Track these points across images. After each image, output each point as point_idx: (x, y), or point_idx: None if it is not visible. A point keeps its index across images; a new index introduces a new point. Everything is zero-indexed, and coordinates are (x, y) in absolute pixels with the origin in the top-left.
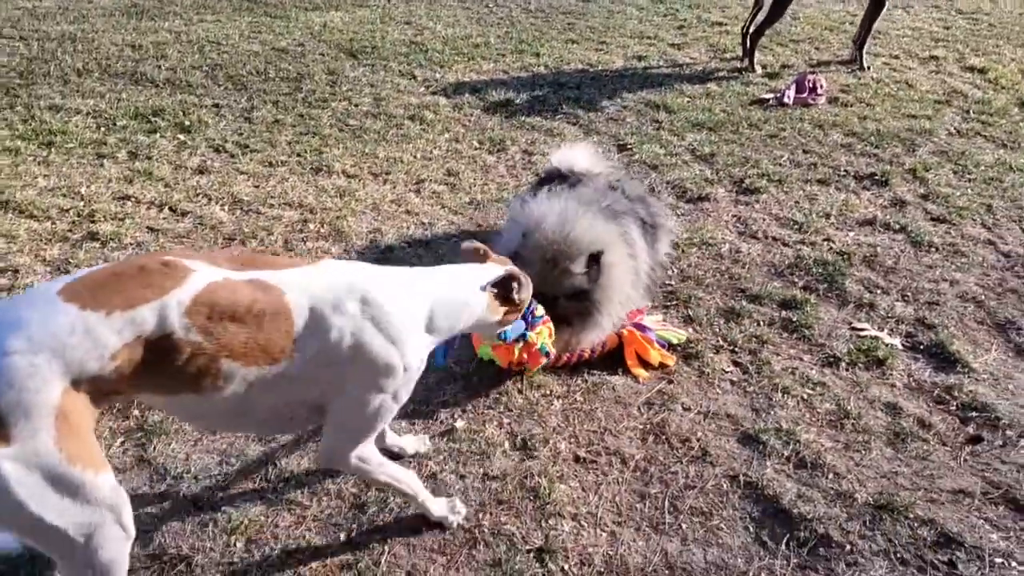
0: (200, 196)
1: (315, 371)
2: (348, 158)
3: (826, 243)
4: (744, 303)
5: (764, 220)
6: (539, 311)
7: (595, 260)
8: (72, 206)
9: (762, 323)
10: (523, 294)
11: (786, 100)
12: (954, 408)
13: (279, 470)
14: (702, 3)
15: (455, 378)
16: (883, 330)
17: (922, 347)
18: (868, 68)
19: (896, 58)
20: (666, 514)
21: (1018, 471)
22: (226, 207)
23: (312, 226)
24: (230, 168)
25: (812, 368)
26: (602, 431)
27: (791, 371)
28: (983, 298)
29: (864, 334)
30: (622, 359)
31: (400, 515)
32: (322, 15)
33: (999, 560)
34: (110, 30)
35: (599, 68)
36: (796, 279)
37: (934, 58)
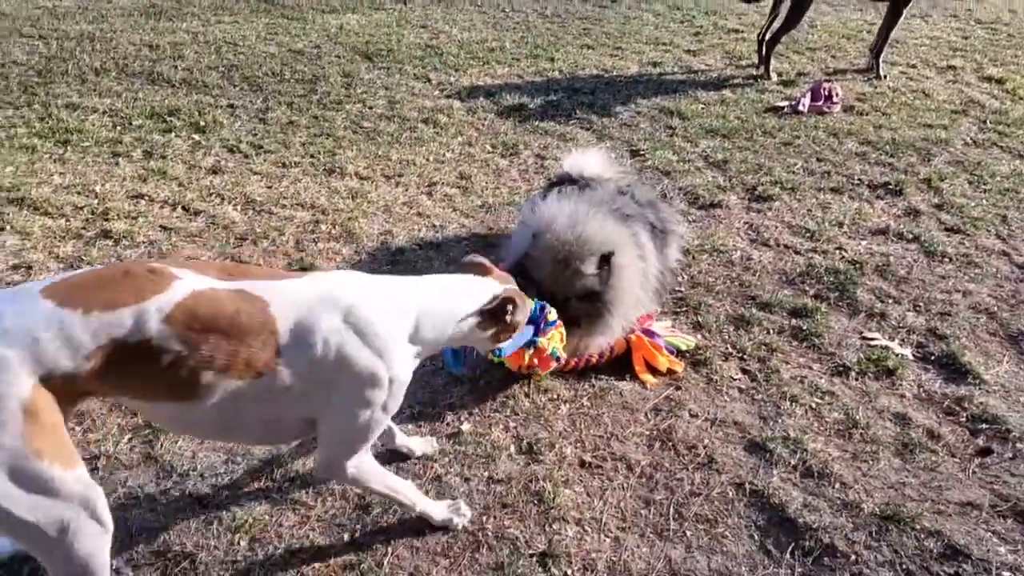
0: (213, 196)
1: (302, 385)
2: (361, 160)
3: (838, 252)
4: (754, 310)
5: (776, 228)
6: (551, 316)
7: (606, 261)
8: (86, 204)
9: (772, 331)
10: (517, 316)
11: (801, 108)
12: (964, 420)
13: (284, 470)
14: (719, 10)
15: (462, 381)
16: (894, 340)
17: (933, 358)
18: (885, 77)
19: (913, 67)
20: (671, 521)
21: None
22: (239, 207)
23: (324, 227)
24: (244, 168)
25: (821, 377)
26: (608, 436)
27: (800, 379)
28: (996, 309)
29: (875, 344)
30: (630, 364)
31: (404, 517)
32: (339, 17)
33: (1006, 574)
34: (128, 30)
35: (614, 74)
36: (807, 287)
37: (951, 67)
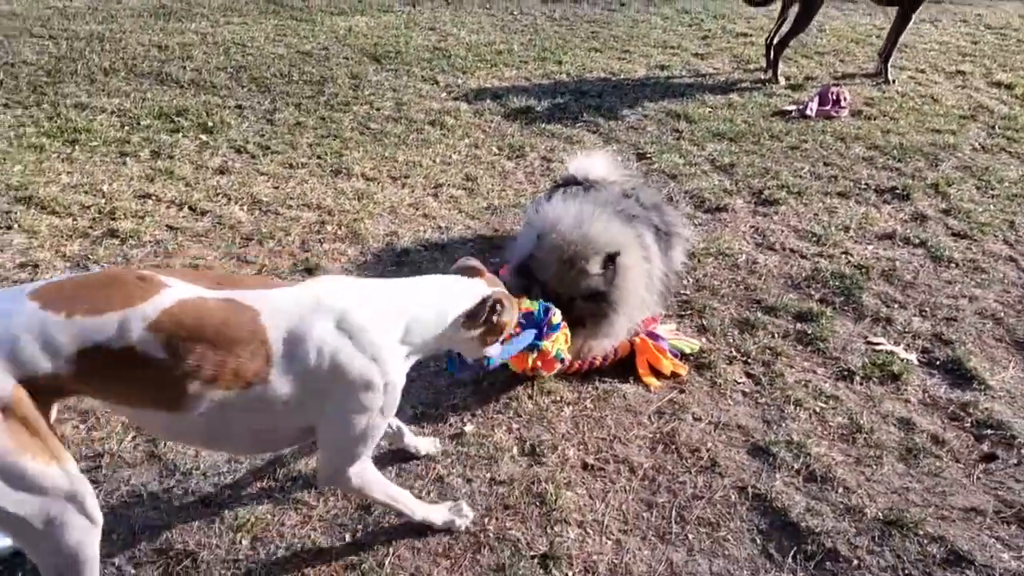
0: (220, 196)
1: (296, 394)
2: (368, 161)
3: (844, 256)
4: (759, 314)
5: (782, 232)
6: (556, 319)
7: (611, 260)
8: (94, 203)
9: (776, 335)
10: (504, 317)
11: (809, 112)
12: (969, 425)
13: (287, 470)
14: (727, 13)
15: (465, 382)
16: (899, 345)
17: (938, 363)
18: (893, 81)
19: (922, 72)
20: (673, 524)
21: None
22: (245, 207)
23: (330, 228)
24: (250, 169)
25: (826, 381)
26: (611, 439)
27: (804, 384)
28: (1002, 315)
29: (880, 348)
30: (634, 367)
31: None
32: (347, 19)
33: None
34: (137, 30)
35: (621, 77)
36: (812, 292)
37: (960, 73)
